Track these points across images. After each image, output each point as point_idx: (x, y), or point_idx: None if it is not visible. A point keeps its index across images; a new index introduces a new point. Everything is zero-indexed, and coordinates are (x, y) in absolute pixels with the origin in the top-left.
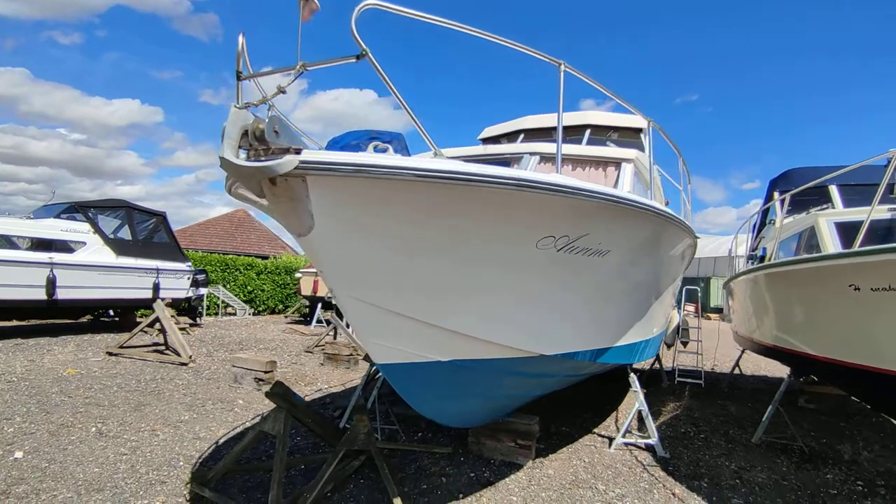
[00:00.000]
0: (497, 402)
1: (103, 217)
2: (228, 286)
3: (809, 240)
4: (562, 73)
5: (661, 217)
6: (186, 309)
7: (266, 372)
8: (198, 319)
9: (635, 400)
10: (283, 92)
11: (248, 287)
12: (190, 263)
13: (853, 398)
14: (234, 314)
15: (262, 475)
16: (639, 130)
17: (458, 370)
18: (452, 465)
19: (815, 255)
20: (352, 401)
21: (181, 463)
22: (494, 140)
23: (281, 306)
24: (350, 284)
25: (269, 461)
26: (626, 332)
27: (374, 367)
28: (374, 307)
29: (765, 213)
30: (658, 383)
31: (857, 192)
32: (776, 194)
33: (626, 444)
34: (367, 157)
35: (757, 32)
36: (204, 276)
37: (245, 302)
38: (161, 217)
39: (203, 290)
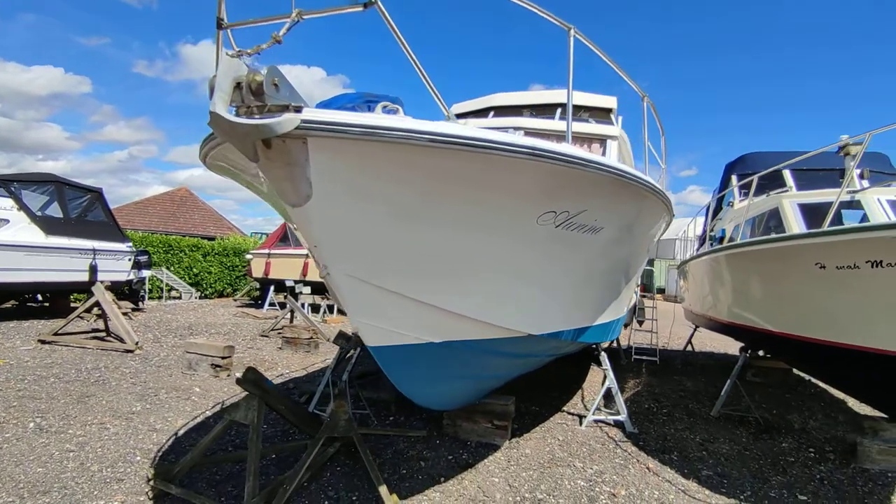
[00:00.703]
0: (482, 384)
1: (29, 193)
2: (172, 268)
3: (770, 220)
4: (571, 39)
5: (654, 195)
6: (128, 293)
7: (223, 357)
8: (140, 304)
9: (604, 378)
10: (279, 42)
11: (194, 269)
12: (131, 244)
13: (796, 371)
14: (179, 298)
15: (230, 467)
16: (609, 110)
17: (450, 351)
18: (429, 449)
19: (785, 234)
20: (320, 386)
21: (138, 458)
22: (463, 117)
23: (229, 289)
24: (347, 260)
25: (237, 451)
26: (603, 311)
27: (344, 351)
28: (371, 286)
29: (721, 195)
30: (617, 361)
31: (808, 176)
32: (734, 177)
33: (596, 422)
34: (379, 118)
35: (683, 23)
36: (146, 257)
37: (191, 285)
38: (97, 194)
39: (146, 273)
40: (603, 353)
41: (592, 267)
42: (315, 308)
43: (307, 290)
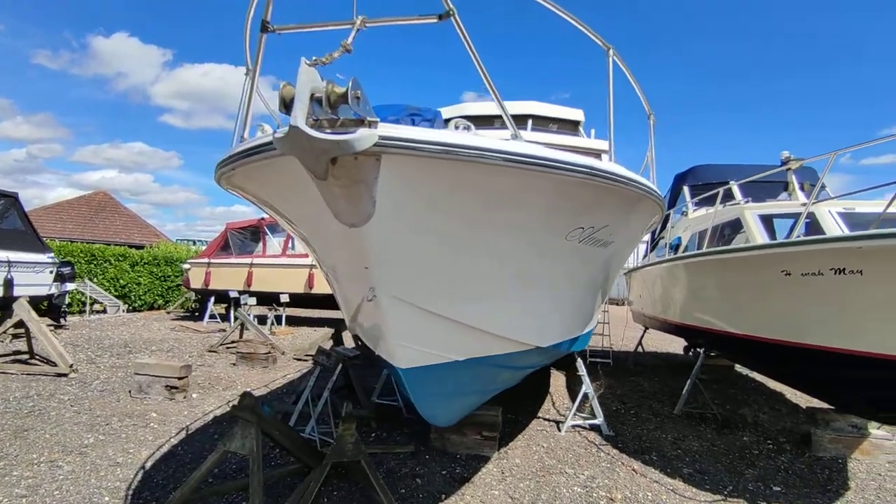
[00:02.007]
0: (484, 397)
1: None
2: (96, 280)
3: (727, 229)
4: (610, 60)
5: (659, 209)
6: (48, 308)
7: (180, 378)
8: (62, 320)
9: (567, 382)
10: (349, 51)
11: (121, 280)
12: (52, 254)
13: (737, 368)
14: (104, 312)
15: (215, 500)
16: (577, 123)
17: (471, 368)
18: (420, 465)
19: (756, 244)
20: (298, 405)
21: (107, 499)
22: (487, 119)
23: (161, 301)
24: (398, 282)
25: (223, 483)
26: (591, 320)
27: (318, 367)
28: (416, 308)
29: (671, 205)
30: (574, 363)
31: (751, 187)
32: (686, 188)
33: (574, 427)
34: (459, 136)
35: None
36: (70, 269)
37: (117, 297)
38: (12, 199)
39: (69, 286)
40: (579, 360)
41: (594, 279)
42: (262, 319)
43: (253, 300)
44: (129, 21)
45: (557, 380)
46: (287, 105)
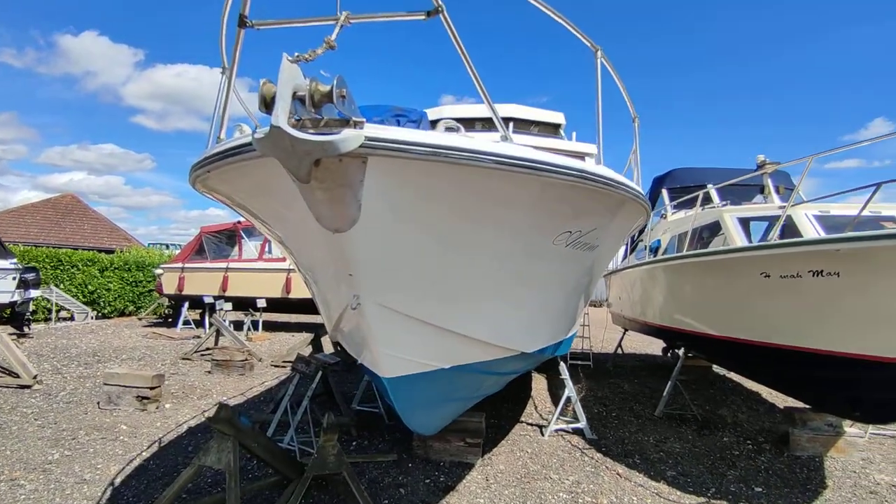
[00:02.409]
0: (468, 403)
1: None
2: (63, 286)
3: (705, 232)
4: (598, 61)
5: (645, 212)
6: (10, 316)
7: (152, 388)
8: (26, 328)
9: (548, 385)
10: (333, 48)
11: (90, 286)
12: (15, 260)
13: (714, 368)
14: (71, 319)
15: None
16: (558, 126)
17: (456, 376)
18: (403, 473)
19: (736, 246)
20: (277, 414)
21: None
22: (469, 122)
23: (132, 307)
24: (383, 289)
25: (198, 500)
26: (574, 323)
27: (297, 375)
28: (401, 315)
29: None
30: (555, 367)
31: (727, 190)
32: (664, 191)
33: (557, 431)
34: (448, 137)
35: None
36: (35, 275)
37: (86, 304)
38: None
39: (34, 293)
40: (562, 364)
41: (579, 282)
42: (238, 325)
43: (228, 305)
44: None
45: (539, 383)
46: (268, 104)
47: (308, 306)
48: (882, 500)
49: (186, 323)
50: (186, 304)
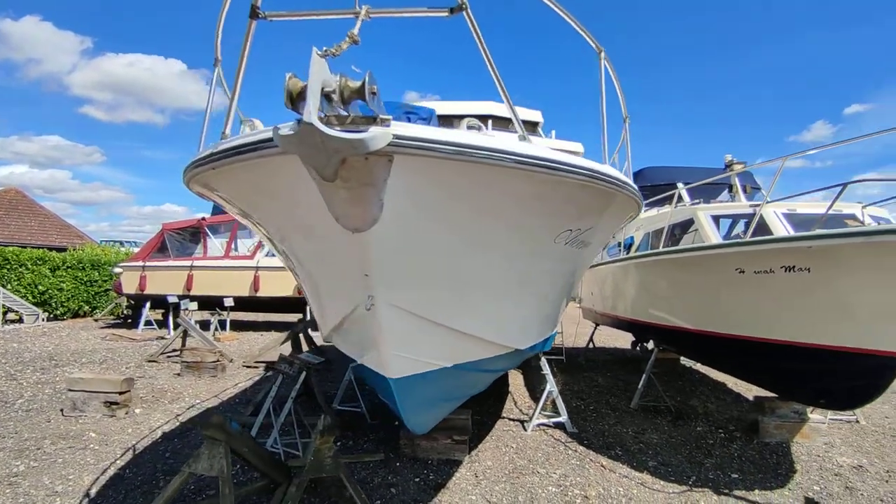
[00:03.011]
0: (461, 401)
1: None
2: (10, 286)
3: (677, 229)
4: (602, 62)
5: (637, 210)
6: None
7: (121, 392)
8: None
9: (535, 382)
10: (357, 42)
11: (40, 286)
12: None
13: (683, 361)
14: (20, 321)
15: None
16: (536, 124)
17: (456, 374)
18: (392, 473)
19: (713, 243)
20: (259, 416)
21: None
22: (449, 119)
23: (87, 308)
24: (398, 289)
25: None
26: (558, 320)
27: (278, 375)
28: (413, 315)
29: None
30: (528, 363)
31: (696, 189)
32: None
33: (539, 425)
34: (475, 136)
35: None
36: None
37: (36, 305)
38: None
39: None
40: (543, 359)
41: (567, 280)
42: (204, 325)
43: (193, 305)
44: (40, 4)
45: (515, 378)
46: (293, 99)
47: (277, 304)
48: (846, 481)
49: (148, 323)
50: (148, 304)
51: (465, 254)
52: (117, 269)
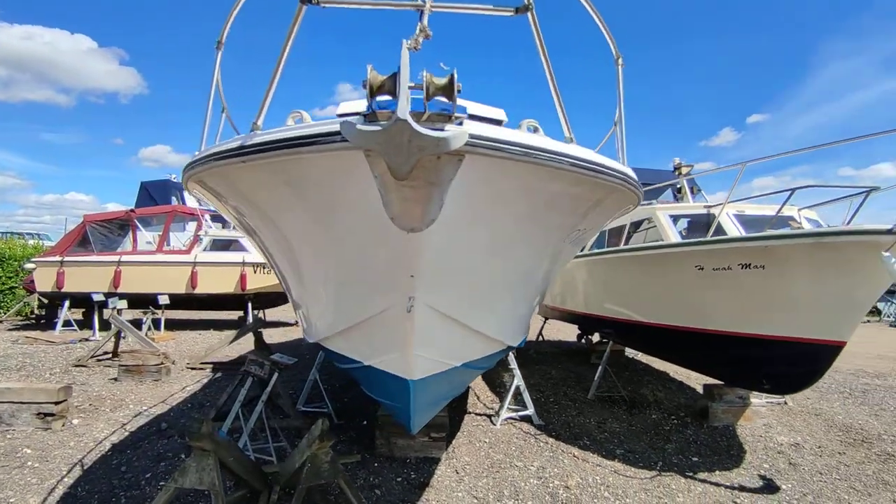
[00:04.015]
0: (450, 399)
1: None
2: None
3: (632, 228)
4: (619, 68)
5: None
6: None
7: (57, 403)
8: None
9: (496, 376)
10: (429, 36)
11: None
12: None
13: (627, 353)
14: None
15: None
16: (500, 122)
17: (461, 373)
18: (372, 474)
19: (674, 241)
20: (227, 420)
21: None
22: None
23: None
24: (437, 290)
25: None
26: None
27: (247, 377)
28: (444, 316)
29: None
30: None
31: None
32: None
33: (507, 419)
34: (539, 139)
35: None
36: None
37: None
38: None
39: None
40: (511, 354)
41: (555, 275)
42: (135, 325)
43: (123, 303)
44: None
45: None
46: (373, 92)
47: (217, 302)
48: (788, 458)
49: (67, 324)
50: (67, 303)
51: (496, 254)
52: (30, 265)
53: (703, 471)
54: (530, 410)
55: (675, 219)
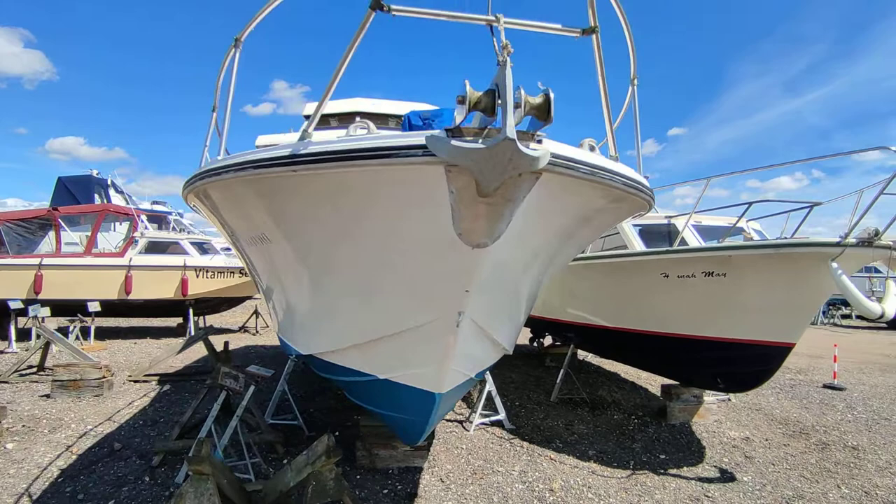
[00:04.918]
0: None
1: None
2: None
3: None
4: (633, 90)
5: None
6: None
7: None
8: None
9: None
10: (510, 52)
11: None
12: None
13: (579, 355)
14: None
15: None
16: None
17: (470, 383)
18: (357, 486)
19: (642, 250)
20: (201, 436)
21: None
22: (322, 119)
23: None
24: (484, 304)
25: None
26: None
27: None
28: (479, 329)
29: None
30: None
31: None
32: None
33: (479, 425)
34: (600, 158)
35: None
36: None
37: None
38: None
39: None
40: None
41: None
42: (61, 333)
43: (45, 311)
44: None
45: None
46: (470, 108)
47: (154, 308)
48: (743, 451)
49: None
50: None
51: (529, 266)
52: None
53: (672, 467)
54: (502, 415)
55: (637, 228)
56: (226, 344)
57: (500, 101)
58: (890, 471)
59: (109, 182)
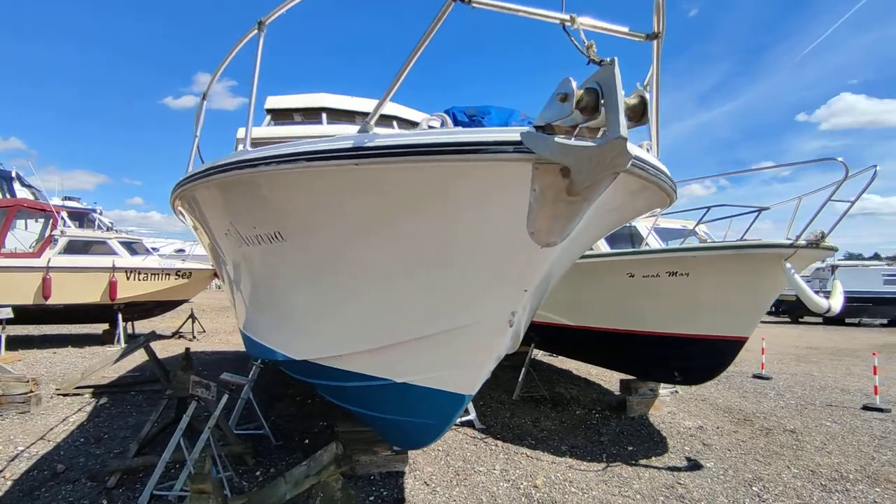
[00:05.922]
0: None
1: None
2: None
3: None
4: (655, 87)
5: None
6: None
7: None
8: None
9: None
10: (594, 49)
11: None
12: None
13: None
14: None
15: None
16: (417, 123)
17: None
18: None
19: (608, 251)
20: (164, 455)
21: None
22: (286, 113)
23: None
24: (527, 303)
25: None
26: None
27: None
28: (517, 327)
29: None
30: None
31: None
32: None
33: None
34: (652, 157)
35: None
36: None
37: None
38: None
39: None
40: None
41: None
42: None
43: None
44: None
45: None
46: (577, 107)
47: (76, 314)
48: (700, 440)
49: None
50: None
51: (567, 264)
52: None
53: (642, 458)
54: (472, 415)
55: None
56: (187, 350)
57: (603, 101)
58: (826, 450)
59: (14, 174)
